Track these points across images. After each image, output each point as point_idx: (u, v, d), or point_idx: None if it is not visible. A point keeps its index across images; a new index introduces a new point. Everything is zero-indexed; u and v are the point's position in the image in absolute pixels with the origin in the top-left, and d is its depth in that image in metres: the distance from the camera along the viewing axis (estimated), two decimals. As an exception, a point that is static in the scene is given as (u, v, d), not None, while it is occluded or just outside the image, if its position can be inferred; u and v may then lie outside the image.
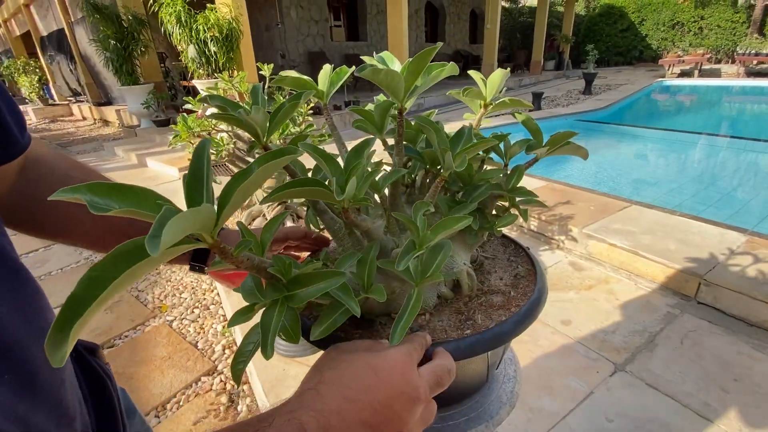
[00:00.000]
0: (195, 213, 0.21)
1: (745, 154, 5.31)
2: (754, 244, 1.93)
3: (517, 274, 0.53)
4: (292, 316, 0.35)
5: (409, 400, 0.31)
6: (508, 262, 0.57)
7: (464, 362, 0.41)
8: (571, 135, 0.41)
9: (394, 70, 0.39)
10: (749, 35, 12.53)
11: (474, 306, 0.48)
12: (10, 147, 0.37)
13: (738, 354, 1.46)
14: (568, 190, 2.72)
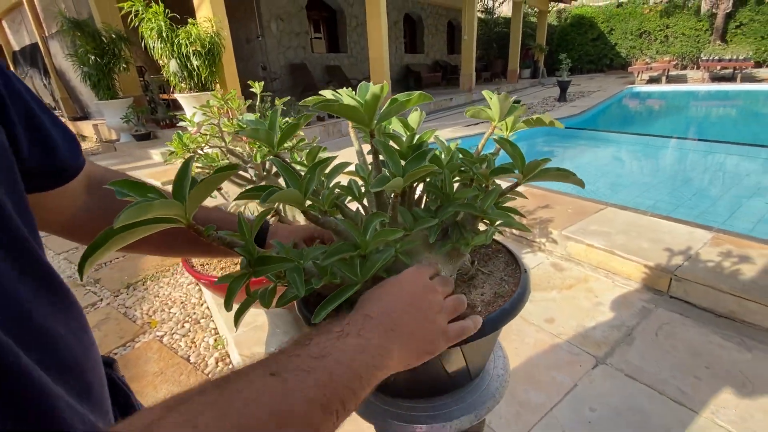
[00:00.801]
0: (162, 204, 0.31)
1: (712, 156, 5.60)
2: (719, 241, 2.06)
3: (499, 293, 0.55)
4: (272, 289, 0.46)
5: (428, 288, 0.41)
6: (500, 281, 0.58)
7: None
8: (545, 161, 0.46)
9: (349, 104, 0.46)
10: (712, 42, 13.23)
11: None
12: (63, 173, 0.42)
13: (708, 343, 1.56)
14: (548, 195, 2.84)
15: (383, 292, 0.39)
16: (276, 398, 0.26)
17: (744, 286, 1.68)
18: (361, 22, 10.86)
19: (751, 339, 1.57)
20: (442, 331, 0.39)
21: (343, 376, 0.30)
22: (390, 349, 0.34)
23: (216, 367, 1.90)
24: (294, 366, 0.29)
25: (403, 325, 0.36)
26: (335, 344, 0.32)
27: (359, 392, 0.31)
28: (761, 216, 3.31)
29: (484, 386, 0.65)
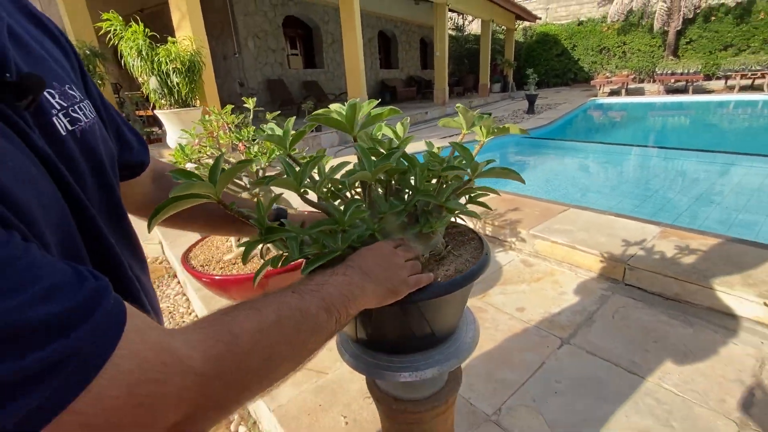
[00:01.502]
0: (200, 184, 0.47)
1: (668, 162, 6.05)
2: (666, 234, 2.31)
3: (459, 270, 0.67)
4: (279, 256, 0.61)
5: (392, 252, 0.56)
6: (465, 261, 0.70)
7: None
8: (490, 162, 0.64)
9: (334, 117, 0.63)
10: (665, 57, 14.23)
11: (430, 269, 0.69)
12: (138, 168, 0.56)
13: (657, 322, 1.77)
14: (517, 199, 3.06)
15: (360, 253, 0.55)
16: (298, 302, 0.42)
17: (685, 271, 1.91)
18: (337, 38, 11.15)
19: (693, 316, 1.79)
20: (403, 280, 0.54)
21: (337, 296, 0.46)
22: (365, 285, 0.50)
23: (209, 370, 1.97)
24: (306, 288, 0.45)
25: (375, 272, 0.52)
26: (330, 279, 0.48)
27: (348, 308, 0.47)
28: (709, 214, 3.65)
29: (457, 345, 0.80)
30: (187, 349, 0.31)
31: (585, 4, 17.14)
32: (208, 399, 0.31)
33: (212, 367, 0.32)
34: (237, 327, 0.35)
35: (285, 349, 0.39)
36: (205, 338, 0.33)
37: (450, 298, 0.65)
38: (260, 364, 0.36)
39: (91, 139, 0.42)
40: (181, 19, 4.92)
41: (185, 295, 2.67)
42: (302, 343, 0.41)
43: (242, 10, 8.93)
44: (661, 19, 13.72)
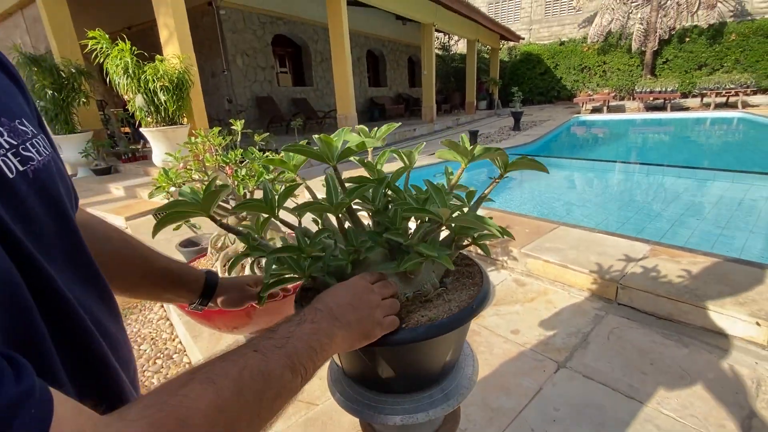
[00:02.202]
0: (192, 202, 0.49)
1: (651, 177, 6.19)
2: (656, 252, 2.32)
3: (432, 319, 0.63)
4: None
5: (367, 290, 0.53)
6: (448, 311, 0.65)
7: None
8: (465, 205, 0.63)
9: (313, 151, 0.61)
10: (644, 76, 14.74)
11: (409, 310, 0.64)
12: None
13: (652, 343, 1.76)
14: (507, 216, 3.07)
15: (331, 292, 0.52)
16: (261, 364, 0.38)
17: (677, 291, 1.91)
18: (326, 57, 11.28)
19: (687, 336, 1.78)
20: (377, 321, 0.51)
21: (303, 350, 0.42)
22: (334, 332, 0.47)
23: (192, 400, 1.88)
24: (270, 345, 0.41)
25: (345, 314, 0.49)
26: (296, 329, 0.44)
27: (315, 361, 0.44)
28: (693, 229, 3.70)
29: (454, 383, 0.76)
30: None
31: (566, 25, 17.76)
32: None
33: None
34: (187, 409, 0.31)
35: (246, 420, 0.35)
36: (147, 428, 0.29)
37: (430, 343, 0.61)
38: None
39: (46, 177, 0.38)
40: (169, 37, 4.91)
41: (169, 320, 2.57)
42: (266, 410, 0.38)
43: (231, 28, 8.98)
44: (638, 39, 14.28)
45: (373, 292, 0.53)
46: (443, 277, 0.75)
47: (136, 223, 4.07)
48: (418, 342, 0.59)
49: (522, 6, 18.76)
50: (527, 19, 18.74)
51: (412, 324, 0.60)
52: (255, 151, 1.40)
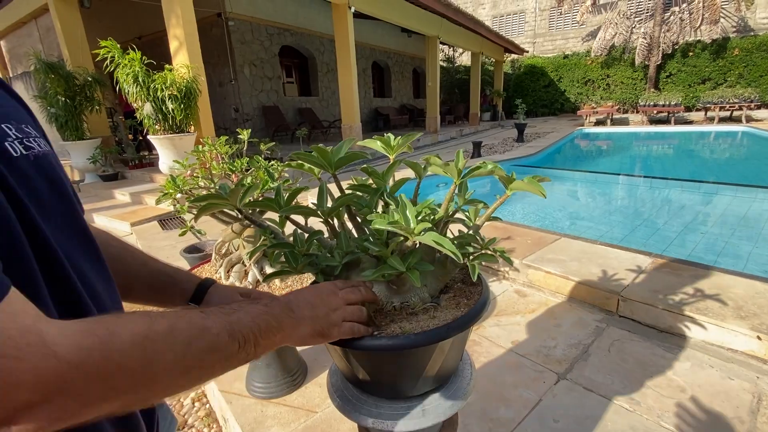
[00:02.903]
0: (219, 196, 0.58)
1: (654, 190, 6.18)
2: (657, 264, 2.32)
3: (406, 332, 0.64)
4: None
5: (330, 293, 0.56)
6: (435, 323, 0.65)
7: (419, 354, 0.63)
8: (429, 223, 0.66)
9: (316, 157, 0.66)
10: (647, 89, 14.80)
11: (392, 319, 0.67)
12: None
13: (653, 355, 1.75)
14: (509, 227, 3.08)
15: (298, 291, 0.56)
16: (200, 318, 0.42)
17: (678, 304, 1.91)
18: (332, 68, 11.44)
19: (688, 349, 1.77)
20: (332, 323, 0.54)
21: (246, 323, 0.45)
22: (283, 320, 0.50)
23: (192, 407, 1.88)
24: (216, 310, 0.45)
25: (301, 310, 0.52)
26: (248, 306, 0.48)
27: (258, 338, 0.46)
28: (697, 243, 3.69)
29: (448, 394, 0.77)
30: (58, 335, 0.32)
31: (570, 38, 17.93)
32: (67, 388, 0.31)
33: (76, 356, 0.32)
34: (120, 327, 0.35)
35: (171, 358, 0.38)
36: (81, 330, 0.33)
37: (408, 354, 0.63)
38: (137, 367, 0.35)
39: (45, 162, 0.44)
40: (178, 47, 5.02)
41: (171, 325, 2.59)
42: (193, 357, 0.40)
43: (239, 39, 9.15)
44: (641, 54, 14.38)
45: (337, 296, 0.56)
46: (441, 292, 0.76)
47: (141, 229, 4.11)
48: (381, 352, 0.60)
49: (526, 20, 18.99)
50: (531, 32, 18.95)
51: (386, 333, 0.62)
52: (261, 160, 1.43)
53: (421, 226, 0.58)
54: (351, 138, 0.79)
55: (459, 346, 0.75)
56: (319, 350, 1.87)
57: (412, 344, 0.61)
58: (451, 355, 0.73)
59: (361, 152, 0.71)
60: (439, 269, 0.73)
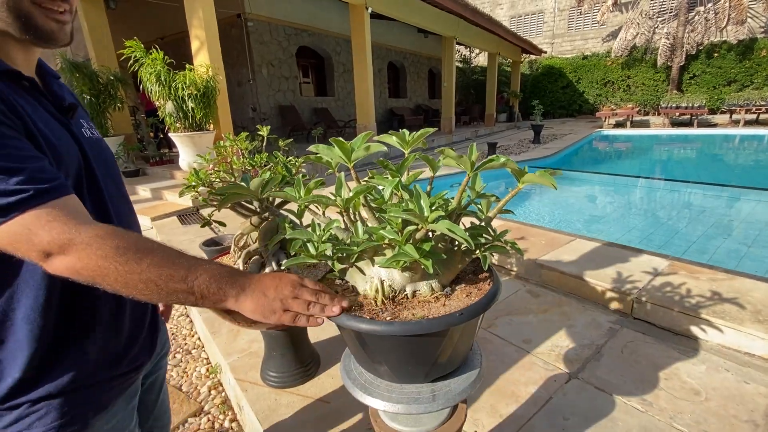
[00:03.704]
0: (241, 186, 0.69)
1: (675, 194, 6.05)
2: (674, 267, 2.29)
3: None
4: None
5: (287, 284, 0.63)
6: (469, 296, 0.73)
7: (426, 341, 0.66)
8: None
9: (330, 151, 0.71)
10: (669, 91, 14.44)
11: (405, 306, 0.71)
12: None
13: (667, 358, 1.73)
14: (523, 228, 3.07)
15: (265, 275, 0.64)
16: (176, 258, 0.59)
17: (695, 307, 1.88)
18: (348, 68, 11.51)
19: (704, 353, 1.75)
20: (272, 309, 0.61)
21: (203, 280, 0.58)
22: (229, 293, 0.59)
23: (209, 395, 1.94)
24: (193, 259, 0.60)
25: (250, 289, 0.61)
26: (215, 268, 0.60)
27: (206, 290, 0.58)
28: (718, 247, 3.61)
29: (460, 380, 0.80)
30: (86, 226, 0.55)
31: (589, 39, 17.64)
32: (77, 254, 0.53)
33: (88, 239, 0.54)
34: (119, 239, 0.55)
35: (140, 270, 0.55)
36: (99, 232, 0.55)
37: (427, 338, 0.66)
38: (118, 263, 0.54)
39: (101, 142, 0.81)
40: (199, 47, 5.14)
41: (189, 316, 2.67)
42: (157, 279, 0.56)
43: (258, 39, 9.30)
44: (664, 54, 14.04)
45: (286, 287, 0.62)
46: (453, 283, 0.79)
47: (161, 224, 4.24)
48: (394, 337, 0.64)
49: (545, 20, 18.76)
50: (550, 32, 18.71)
51: (400, 319, 0.66)
52: (279, 156, 1.48)
53: (434, 215, 0.61)
54: (368, 132, 0.82)
55: (469, 334, 0.77)
56: (332, 342, 1.91)
57: (424, 330, 0.64)
58: (462, 341, 0.75)
59: (379, 142, 0.74)
60: (450, 259, 0.75)
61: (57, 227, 0.52)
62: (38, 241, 0.52)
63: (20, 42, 0.63)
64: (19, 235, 0.51)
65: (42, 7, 0.60)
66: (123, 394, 0.73)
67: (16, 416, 0.61)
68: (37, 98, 0.65)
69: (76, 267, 0.53)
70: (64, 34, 0.64)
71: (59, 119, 0.68)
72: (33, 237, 0.51)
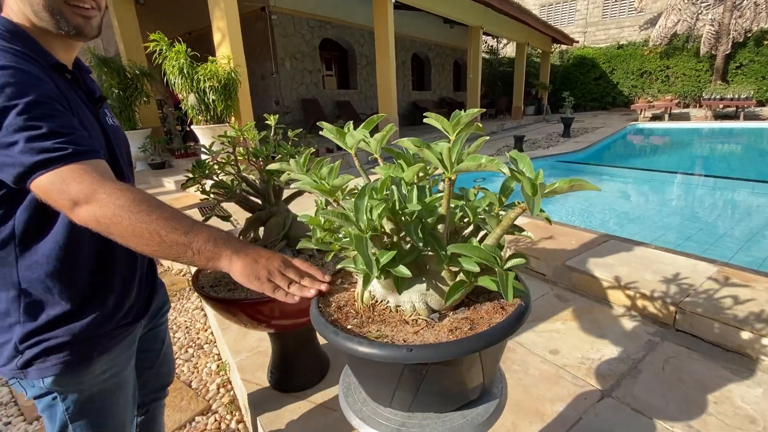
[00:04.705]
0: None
1: (717, 192, 5.62)
2: (724, 273, 2.06)
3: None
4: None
5: (276, 259, 0.68)
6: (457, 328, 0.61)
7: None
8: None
9: (354, 135, 0.69)
10: (713, 82, 13.54)
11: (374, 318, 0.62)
12: None
13: (717, 378, 1.54)
14: (551, 227, 2.87)
15: (263, 248, 0.69)
16: (177, 213, 0.67)
17: (750, 320, 1.66)
18: (371, 61, 11.37)
19: (761, 374, 1.54)
20: (259, 276, 0.65)
21: (201, 240, 0.64)
22: (223, 252, 0.65)
23: (217, 393, 1.89)
24: (191, 220, 0.67)
25: (243, 254, 0.65)
26: (208, 226, 0.67)
27: (201, 252, 0.64)
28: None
29: (474, 413, 0.67)
30: (111, 183, 0.64)
31: (625, 27, 16.76)
32: (99, 204, 0.62)
33: (110, 192, 0.63)
34: (134, 197, 0.63)
35: (146, 225, 0.62)
36: (120, 188, 0.64)
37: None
38: (128, 216, 0.62)
39: (119, 129, 0.93)
40: (221, 39, 5.13)
41: (203, 310, 2.64)
42: (160, 233, 0.63)
43: (281, 32, 9.28)
44: (708, 43, 13.13)
45: (280, 263, 0.67)
46: (470, 294, 0.66)
47: (182, 216, 4.26)
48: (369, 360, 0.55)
49: (577, 8, 17.95)
50: (582, 21, 17.89)
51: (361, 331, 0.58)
52: (287, 147, 1.38)
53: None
54: (390, 125, 0.74)
55: (492, 360, 0.64)
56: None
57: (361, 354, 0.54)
58: (475, 371, 0.62)
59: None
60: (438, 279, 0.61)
61: (87, 180, 0.62)
62: (69, 190, 0.61)
63: (59, 38, 0.74)
64: (55, 185, 0.61)
65: (70, 5, 0.71)
66: (123, 342, 0.88)
67: (43, 348, 0.75)
68: (75, 89, 0.79)
69: (97, 215, 0.61)
70: (90, 27, 0.75)
71: (90, 108, 0.81)
72: (66, 187, 0.61)
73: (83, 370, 0.80)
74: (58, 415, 0.80)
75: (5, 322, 0.74)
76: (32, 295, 0.73)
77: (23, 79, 0.63)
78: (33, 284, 0.72)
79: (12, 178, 0.62)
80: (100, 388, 0.84)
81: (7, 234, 0.70)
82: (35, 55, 0.70)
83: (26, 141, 0.60)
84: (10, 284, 0.72)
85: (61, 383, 0.78)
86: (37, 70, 0.68)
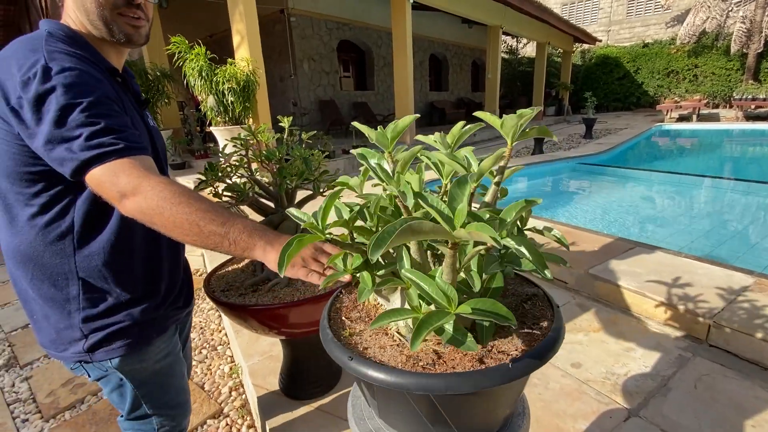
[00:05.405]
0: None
1: (750, 197, 5.34)
2: (762, 285, 1.93)
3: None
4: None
5: (308, 246, 0.69)
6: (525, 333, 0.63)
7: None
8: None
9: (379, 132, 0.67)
10: (744, 81, 12.97)
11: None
12: None
13: (755, 399, 1.43)
14: (573, 231, 2.77)
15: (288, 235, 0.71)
16: (217, 206, 0.69)
17: (793, 337, 1.55)
18: (388, 62, 11.33)
19: (804, 397, 1.43)
20: (293, 263, 0.67)
21: (237, 230, 0.67)
22: (258, 243, 0.66)
23: (229, 396, 1.88)
24: (227, 212, 0.69)
25: (277, 244, 0.66)
26: (243, 218, 0.70)
27: (237, 242, 0.66)
28: (809, 261, 3.08)
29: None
30: (155, 177, 0.69)
31: (651, 25, 16.25)
32: (143, 195, 0.66)
33: (153, 186, 0.67)
34: (176, 191, 0.67)
35: (186, 218, 0.66)
36: (163, 181, 0.68)
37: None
38: (169, 208, 0.66)
39: (158, 131, 0.95)
40: (240, 41, 5.18)
41: (218, 311, 2.65)
42: (200, 223, 0.66)
43: (300, 34, 9.35)
44: (739, 41, 12.58)
45: (312, 250, 0.69)
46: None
47: (200, 216, 4.32)
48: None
49: (600, 6, 17.50)
50: (606, 20, 17.44)
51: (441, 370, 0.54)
52: (300, 149, 1.35)
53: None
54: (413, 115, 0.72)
55: (514, 393, 0.59)
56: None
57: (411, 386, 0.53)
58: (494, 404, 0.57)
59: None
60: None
61: (134, 173, 0.66)
62: (119, 182, 0.66)
63: (112, 45, 0.81)
64: (107, 177, 0.66)
65: (122, 15, 0.78)
66: (174, 325, 0.97)
67: (109, 332, 0.83)
68: (125, 91, 0.85)
69: (142, 206, 0.66)
70: (139, 35, 0.82)
71: (137, 110, 0.88)
72: (116, 179, 0.66)
73: (145, 350, 0.88)
74: (128, 392, 0.91)
75: (65, 309, 0.80)
76: (90, 284, 0.80)
77: (86, 80, 0.70)
78: (90, 274, 0.79)
79: (70, 171, 0.67)
80: (161, 365, 0.94)
81: (66, 226, 0.76)
82: (93, 59, 0.76)
83: (87, 136, 0.66)
84: (68, 274, 0.78)
85: (127, 362, 0.86)
86: (97, 72, 0.74)
